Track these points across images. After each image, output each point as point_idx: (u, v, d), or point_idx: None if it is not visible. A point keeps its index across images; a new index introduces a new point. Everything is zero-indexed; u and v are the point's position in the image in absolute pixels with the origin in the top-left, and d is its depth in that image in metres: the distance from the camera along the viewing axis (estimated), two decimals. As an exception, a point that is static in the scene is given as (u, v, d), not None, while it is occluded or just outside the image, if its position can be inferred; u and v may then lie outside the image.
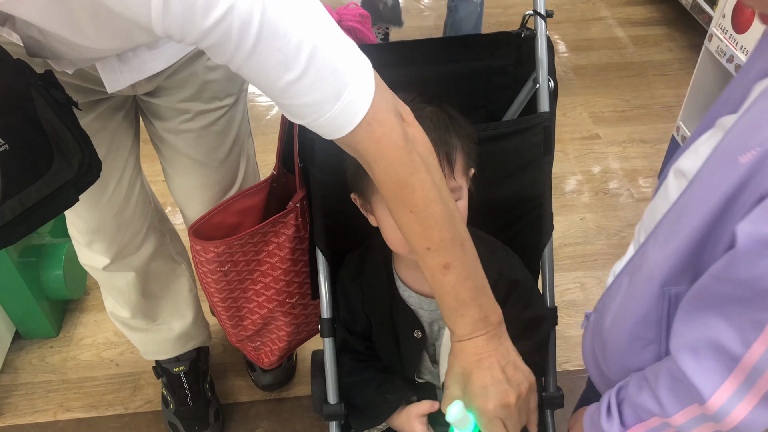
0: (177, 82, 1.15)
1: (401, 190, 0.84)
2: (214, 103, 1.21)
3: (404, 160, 0.82)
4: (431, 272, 0.88)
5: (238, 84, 1.24)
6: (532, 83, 1.17)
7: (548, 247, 1.17)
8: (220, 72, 1.18)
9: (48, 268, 1.75)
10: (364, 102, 0.77)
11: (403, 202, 0.84)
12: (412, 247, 0.88)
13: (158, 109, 1.20)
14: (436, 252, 0.86)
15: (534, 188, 1.15)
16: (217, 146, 1.27)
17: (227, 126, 1.26)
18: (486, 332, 0.90)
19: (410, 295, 1.08)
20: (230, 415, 1.66)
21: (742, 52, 1.79)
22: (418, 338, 1.08)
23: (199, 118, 1.21)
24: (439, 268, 0.87)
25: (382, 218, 1.01)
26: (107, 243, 1.29)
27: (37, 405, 1.70)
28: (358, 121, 0.78)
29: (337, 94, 0.75)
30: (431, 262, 0.87)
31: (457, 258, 0.87)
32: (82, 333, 1.87)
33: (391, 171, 0.82)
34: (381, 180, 0.84)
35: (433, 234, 0.86)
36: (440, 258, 0.86)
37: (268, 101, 2.71)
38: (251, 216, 1.27)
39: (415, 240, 0.87)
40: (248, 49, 0.69)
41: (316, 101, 0.75)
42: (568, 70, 2.86)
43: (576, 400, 1.64)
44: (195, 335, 1.58)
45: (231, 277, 1.26)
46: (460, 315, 0.89)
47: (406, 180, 0.83)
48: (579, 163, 2.40)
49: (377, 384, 1.10)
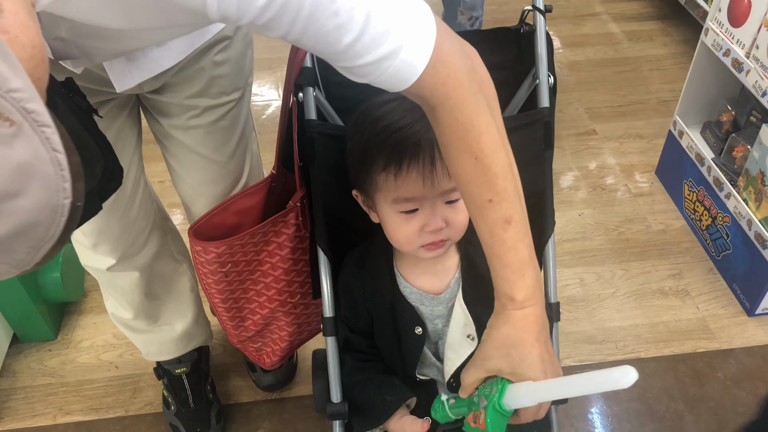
0: (184, 78, 1.14)
1: (467, 134, 0.81)
2: (221, 98, 1.20)
3: (471, 101, 0.80)
4: (491, 228, 0.84)
5: (243, 78, 1.24)
6: (532, 79, 1.17)
7: (550, 242, 1.17)
8: (227, 67, 1.17)
9: (45, 270, 1.74)
10: (427, 48, 0.75)
11: (469, 147, 0.81)
12: (472, 200, 0.84)
13: (165, 107, 1.19)
14: (498, 204, 0.83)
15: (535, 183, 1.15)
16: (225, 141, 1.26)
17: (234, 121, 1.26)
18: (541, 300, 0.87)
19: (411, 292, 1.08)
20: (232, 416, 1.66)
21: (738, 45, 1.79)
22: (419, 335, 1.08)
23: (207, 113, 1.20)
24: (500, 222, 0.83)
25: (384, 215, 1.00)
26: (113, 244, 1.29)
27: (37, 409, 1.69)
28: (423, 68, 0.76)
29: (398, 47, 0.73)
30: (493, 216, 0.83)
31: (517, 212, 0.84)
32: (81, 335, 1.86)
33: (458, 112, 0.80)
34: (446, 124, 0.81)
35: (497, 183, 0.83)
36: (502, 211, 0.83)
37: (264, 100, 2.70)
38: (251, 216, 1.26)
39: (477, 191, 0.83)
40: (305, 18, 0.67)
41: (378, 58, 0.73)
42: (563, 66, 2.86)
43: (578, 396, 1.65)
44: (197, 334, 1.58)
45: (232, 277, 1.25)
46: (521, 275, 0.85)
47: (473, 122, 0.81)
48: (576, 158, 2.40)
49: (376, 384, 1.10)
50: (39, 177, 0.44)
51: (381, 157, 0.95)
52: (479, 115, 0.81)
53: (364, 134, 0.99)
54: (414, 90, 0.78)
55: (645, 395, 1.68)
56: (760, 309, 1.84)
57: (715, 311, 1.88)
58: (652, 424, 1.62)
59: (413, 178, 0.94)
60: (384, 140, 0.95)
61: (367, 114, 1.00)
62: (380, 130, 0.96)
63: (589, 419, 1.64)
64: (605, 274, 1.99)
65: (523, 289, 0.85)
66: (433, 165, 0.93)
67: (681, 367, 1.74)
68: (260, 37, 1.28)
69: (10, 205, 0.43)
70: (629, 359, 1.75)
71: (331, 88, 1.20)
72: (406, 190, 0.95)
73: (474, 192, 0.84)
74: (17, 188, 0.43)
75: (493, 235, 0.84)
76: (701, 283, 1.96)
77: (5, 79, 0.42)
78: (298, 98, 1.12)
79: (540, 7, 1.14)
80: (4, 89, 0.41)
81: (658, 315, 1.87)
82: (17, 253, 0.47)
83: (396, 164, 0.94)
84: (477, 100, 0.81)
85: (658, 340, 1.81)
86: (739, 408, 1.65)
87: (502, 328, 0.87)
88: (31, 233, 0.46)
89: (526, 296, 0.85)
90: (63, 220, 0.48)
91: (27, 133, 0.43)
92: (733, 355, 1.78)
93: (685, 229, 2.13)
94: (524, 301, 0.85)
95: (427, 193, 0.95)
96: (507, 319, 0.86)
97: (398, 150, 0.93)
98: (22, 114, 0.42)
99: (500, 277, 0.86)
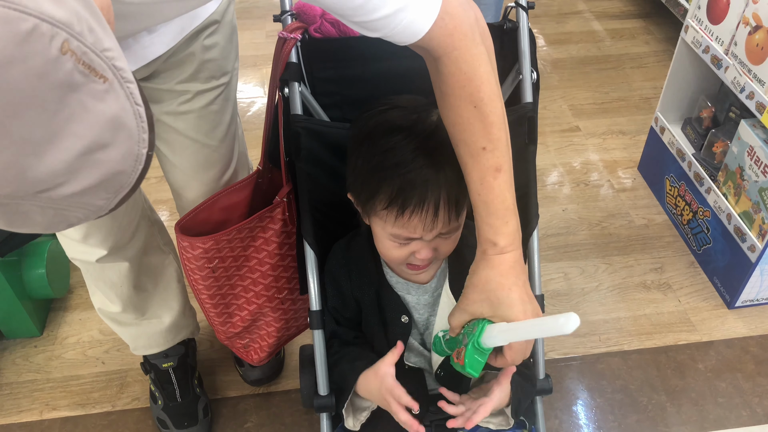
0: (175, 64, 1.15)
1: (469, 83, 0.85)
2: (211, 82, 1.21)
3: (474, 52, 0.84)
4: (482, 175, 0.87)
5: (231, 62, 1.25)
6: (515, 74, 1.18)
7: (534, 235, 1.18)
8: (216, 51, 1.19)
9: (30, 267, 1.74)
10: (436, 1, 0.79)
11: (470, 95, 0.85)
12: (467, 147, 0.87)
13: (156, 93, 1.19)
14: (491, 153, 0.87)
15: (519, 178, 1.16)
16: (216, 125, 1.27)
17: (224, 105, 1.27)
18: (519, 247, 0.91)
19: (397, 281, 1.09)
20: (219, 411, 1.66)
21: (717, 42, 1.82)
22: (405, 323, 1.09)
23: (198, 98, 1.21)
24: (491, 170, 0.87)
25: (376, 233, 1.02)
26: (103, 236, 1.29)
27: (23, 404, 1.68)
28: (434, 20, 0.80)
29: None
30: (485, 163, 0.87)
31: (507, 161, 0.88)
32: (67, 332, 1.85)
33: (462, 62, 0.84)
34: (449, 73, 0.85)
35: (492, 132, 0.86)
36: (494, 159, 0.87)
37: (249, 97, 2.70)
38: (237, 211, 1.27)
39: (473, 139, 0.87)
40: None
41: (394, 10, 0.77)
42: (547, 64, 2.89)
43: (562, 388, 1.67)
44: (184, 326, 1.58)
45: (219, 273, 1.26)
46: (504, 222, 0.89)
47: (475, 72, 0.84)
48: (560, 155, 2.42)
49: (350, 358, 1.11)
50: (125, 129, 0.49)
51: (384, 195, 0.94)
52: (481, 65, 0.85)
53: (371, 161, 0.96)
54: (422, 43, 0.82)
55: (628, 387, 1.71)
56: (740, 302, 1.87)
57: (696, 304, 1.91)
58: (635, 415, 1.65)
59: (414, 224, 0.94)
60: (391, 179, 0.93)
61: (377, 136, 0.97)
62: (389, 167, 0.94)
63: (573, 411, 1.66)
64: (588, 269, 2.01)
65: (505, 235, 0.89)
66: (436, 215, 0.93)
67: (663, 359, 1.77)
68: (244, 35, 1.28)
69: (101, 155, 0.47)
70: (613, 351, 1.78)
71: (317, 84, 1.21)
72: (404, 230, 0.96)
73: (470, 139, 0.87)
74: (108, 140, 0.47)
75: (483, 182, 0.88)
76: (683, 276, 1.99)
77: (99, 39, 0.45)
78: (284, 94, 1.13)
79: (523, 3, 1.16)
80: (99, 49, 0.45)
81: (641, 308, 1.90)
82: (98, 199, 0.51)
83: (399, 209, 0.93)
84: (479, 51, 0.85)
85: (641, 332, 1.84)
86: (719, 399, 1.68)
87: (482, 272, 0.90)
88: (114, 181, 0.50)
89: (507, 242, 0.89)
90: (140, 168, 0.52)
91: (116, 89, 0.47)
92: (713, 347, 1.81)
93: (667, 223, 2.16)
94: (505, 246, 0.89)
95: (424, 235, 0.96)
96: (487, 264, 0.90)
97: (403, 196, 0.92)
98: (112, 71, 0.47)
99: (485, 223, 0.90)
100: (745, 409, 1.66)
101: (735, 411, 1.66)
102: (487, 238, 0.90)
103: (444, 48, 0.83)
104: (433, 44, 0.83)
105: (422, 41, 0.82)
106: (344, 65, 1.20)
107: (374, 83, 1.16)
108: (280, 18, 1.17)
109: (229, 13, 1.20)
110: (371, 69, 1.18)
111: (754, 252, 1.75)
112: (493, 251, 0.90)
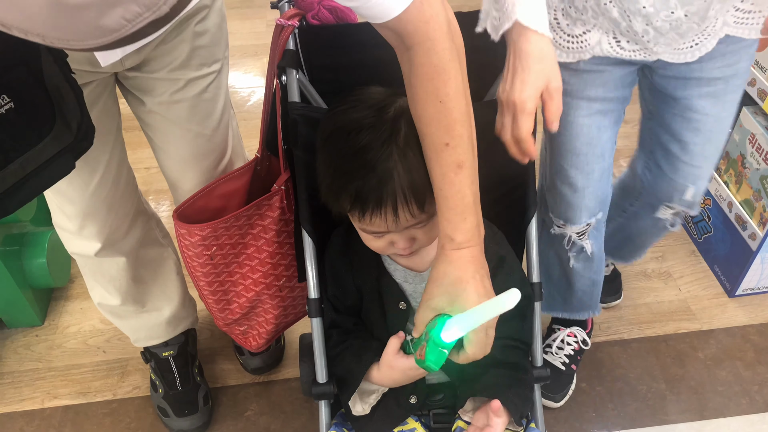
0: (165, 51, 1.14)
1: (438, 76, 0.86)
2: (202, 69, 1.21)
3: (446, 45, 0.85)
4: (444, 170, 0.89)
5: (221, 50, 1.24)
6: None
7: (533, 222, 1.18)
8: (206, 38, 1.18)
9: (31, 256, 1.74)
10: None
11: (436, 89, 0.86)
12: (431, 142, 0.89)
13: (148, 83, 1.19)
14: (453, 149, 0.88)
15: (517, 166, 1.16)
16: (210, 114, 1.27)
17: (216, 93, 1.26)
18: (479, 243, 0.92)
19: (396, 269, 1.09)
20: (219, 399, 1.67)
21: (719, 30, 1.80)
22: (403, 310, 1.09)
23: (190, 86, 1.21)
24: (453, 166, 0.88)
25: (355, 227, 1.03)
26: (98, 227, 1.29)
27: (24, 393, 1.69)
28: (410, 1, 0.80)
29: None
30: (447, 159, 0.88)
31: (469, 158, 0.89)
32: (68, 321, 1.86)
33: (433, 54, 0.85)
34: (419, 63, 0.86)
35: (455, 128, 0.87)
36: (456, 155, 0.88)
37: (249, 86, 2.69)
38: (236, 199, 1.27)
39: (437, 134, 0.88)
40: None
41: None
42: (548, 52, 2.87)
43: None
44: (184, 317, 1.59)
45: (217, 260, 1.26)
46: (463, 218, 0.90)
47: (445, 66, 0.85)
48: (561, 143, 2.41)
49: (354, 350, 1.11)
50: None
51: (345, 200, 0.96)
52: (451, 60, 0.86)
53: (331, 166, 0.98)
54: (398, 24, 0.83)
55: (627, 375, 1.71)
56: (740, 290, 1.87)
57: (697, 293, 1.91)
58: (635, 404, 1.65)
59: (377, 223, 0.96)
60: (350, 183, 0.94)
61: (334, 140, 0.98)
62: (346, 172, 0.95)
63: (572, 398, 1.66)
64: (589, 257, 2.01)
65: (462, 232, 0.90)
66: (395, 214, 0.94)
67: (663, 348, 1.77)
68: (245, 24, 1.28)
69: None
70: (612, 340, 1.78)
71: (315, 71, 1.21)
72: (372, 227, 0.97)
73: (434, 134, 0.88)
74: None
75: (444, 178, 0.89)
76: (683, 265, 1.99)
77: None
78: (282, 81, 1.12)
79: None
80: None
81: (641, 297, 1.90)
82: None
83: (359, 212, 0.95)
84: (450, 47, 0.86)
85: (641, 321, 1.84)
86: (719, 387, 1.68)
87: (440, 267, 0.92)
88: None
89: (465, 238, 0.90)
90: None
91: None
92: (713, 335, 1.81)
93: (668, 212, 2.15)
94: (462, 242, 0.91)
95: (391, 229, 0.97)
96: (445, 258, 0.92)
97: (361, 201, 0.94)
98: None
99: (444, 219, 0.91)
100: (745, 398, 1.66)
101: (734, 399, 1.66)
102: (446, 234, 0.91)
103: (419, 36, 0.84)
104: (409, 29, 0.84)
105: (397, 23, 0.82)
106: (342, 52, 1.19)
107: (372, 70, 1.16)
108: (278, 5, 1.16)
109: (218, 0, 1.20)
110: (369, 56, 1.17)
111: (755, 240, 1.74)
112: (451, 246, 0.91)
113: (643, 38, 1.09)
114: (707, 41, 1.14)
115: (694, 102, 1.25)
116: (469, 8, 1.13)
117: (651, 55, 1.16)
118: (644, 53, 1.15)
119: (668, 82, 1.25)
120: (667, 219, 1.49)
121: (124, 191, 1.30)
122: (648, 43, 1.11)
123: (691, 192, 1.39)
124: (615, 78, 1.23)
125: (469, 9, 1.14)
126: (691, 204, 1.43)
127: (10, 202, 0.89)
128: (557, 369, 1.65)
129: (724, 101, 1.26)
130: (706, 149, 1.33)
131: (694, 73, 1.21)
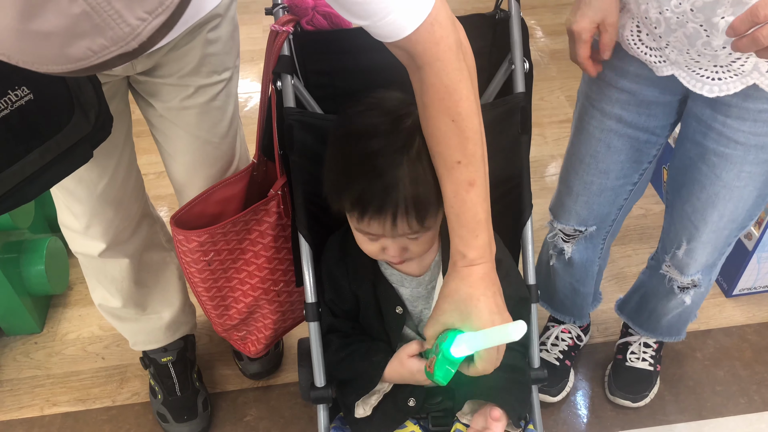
0: (176, 57, 1.15)
1: (449, 96, 0.86)
2: (213, 77, 1.21)
3: (457, 66, 0.86)
4: (456, 188, 0.90)
5: (232, 59, 1.25)
6: (508, 64, 1.18)
7: (528, 225, 1.19)
8: (218, 45, 1.19)
9: (29, 264, 1.75)
10: (428, 3, 0.81)
11: (447, 109, 0.87)
12: (442, 160, 0.89)
13: (158, 88, 1.20)
14: (465, 167, 0.89)
15: (513, 168, 1.17)
16: (218, 121, 1.27)
17: (226, 101, 1.27)
18: (491, 260, 0.93)
19: (392, 273, 1.10)
20: (218, 404, 1.67)
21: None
22: (400, 314, 1.10)
23: (199, 93, 1.21)
24: (465, 184, 0.89)
25: (351, 226, 1.03)
26: (104, 227, 1.30)
27: (23, 401, 1.70)
28: (422, 21, 0.81)
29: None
30: (459, 177, 0.89)
31: (481, 176, 0.90)
32: (67, 328, 1.86)
33: (444, 74, 0.85)
34: (430, 84, 0.86)
35: (467, 147, 0.88)
36: (468, 173, 0.89)
37: (246, 92, 2.70)
38: (232, 205, 1.27)
39: (449, 152, 0.89)
40: None
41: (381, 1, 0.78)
42: (544, 55, 2.88)
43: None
44: (184, 322, 1.59)
45: (215, 266, 1.26)
46: (475, 236, 0.91)
47: (456, 86, 0.86)
48: (557, 146, 2.42)
49: (362, 353, 1.11)
50: None
51: (347, 200, 0.96)
52: (462, 80, 0.86)
53: (340, 163, 0.98)
54: (408, 44, 0.83)
55: (625, 376, 1.71)
56: (737, 290, 1.87)
57: (694, 293, 1.92)
58: (633, 404, 1.65)
59: (374, 228, 0.96)
60: (356, 183, 0.94)
61: (348, 140, 0.98)
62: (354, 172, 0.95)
63: (571, 400, 1.67)
64: (586, 259, 2.01)
65: (474, 248, 0.91)
66: (394, 223, 0.94)
67: (661, 348, 1.77)
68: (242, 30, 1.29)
69: None
70: (611, 341, 1.78)
71: (310, 76, 1.21)
72: (367, 229, 0.98)
73: (445, 152, 0.89)
74: None
75: (456, 195, 0.90)
76: (680, 265, 1.99)
77: None
78: (277, 86, 1.13)
79: (514, -7, 1.16)
80: None
81: (639, 298, 1.90)
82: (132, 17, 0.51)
83: (359, 214, 0.95)
84: (461, 67, 0.86)
85: (639, 322, 1.84)
86: (717, 387, 1.68)
87: (452, 283, 0.93)
88: None
89: (477, 255, 0.91)
90: None
91: None
92: (711, 335, 1.81)
93: (665, 213, 2.16)
94: (474, 259, 0.91)
95: (387, 235, 0.97)
96: (457, 275, 0.92)
97: (362, 203, 0.94)
98: None
99: (456, 235, 0.92)
100: (743, 397, 1.66)
101: (733, 399, 1.66)
102: (458, 250, 0.92)
103: (429, 57, 0.85)
104: (418, 49, 0.84)
105: (407, 42, 0.83)
106: (337, 57, 1.20)
107: (367, 75, 1.16)
108: (272, 11, 1.17)
109: (231, 9, 1.21)
110: (364, 61, 1.18)
111: (751, 240, 1.75)
112: (463, 263, 0.92)
113: (656, 30, 1.04)
114: (731, 81, 1.03)
115: (708, 156, 1.15)
116: (464, 12, 1.13)
117: (665, 65, 1.08)
118: (658, 55, 1.08)
119: (691, 127, 1.17)
120: (675, 281, 1.40)
121: (131, 193, 1.31)
122: (660, 39, 1.05)
123: (683, 249, 1.31)
124: (638, 101, 1.18)
125: (465, 12, 1.15)
126: (680, 265, 1.34)
127: (30, 189, 0.91)
128: (551, 364, 1.66)
129: (740, 171, 1.13)
130: (708, 213, 1.21)
131: (716, 125, 1.11)
